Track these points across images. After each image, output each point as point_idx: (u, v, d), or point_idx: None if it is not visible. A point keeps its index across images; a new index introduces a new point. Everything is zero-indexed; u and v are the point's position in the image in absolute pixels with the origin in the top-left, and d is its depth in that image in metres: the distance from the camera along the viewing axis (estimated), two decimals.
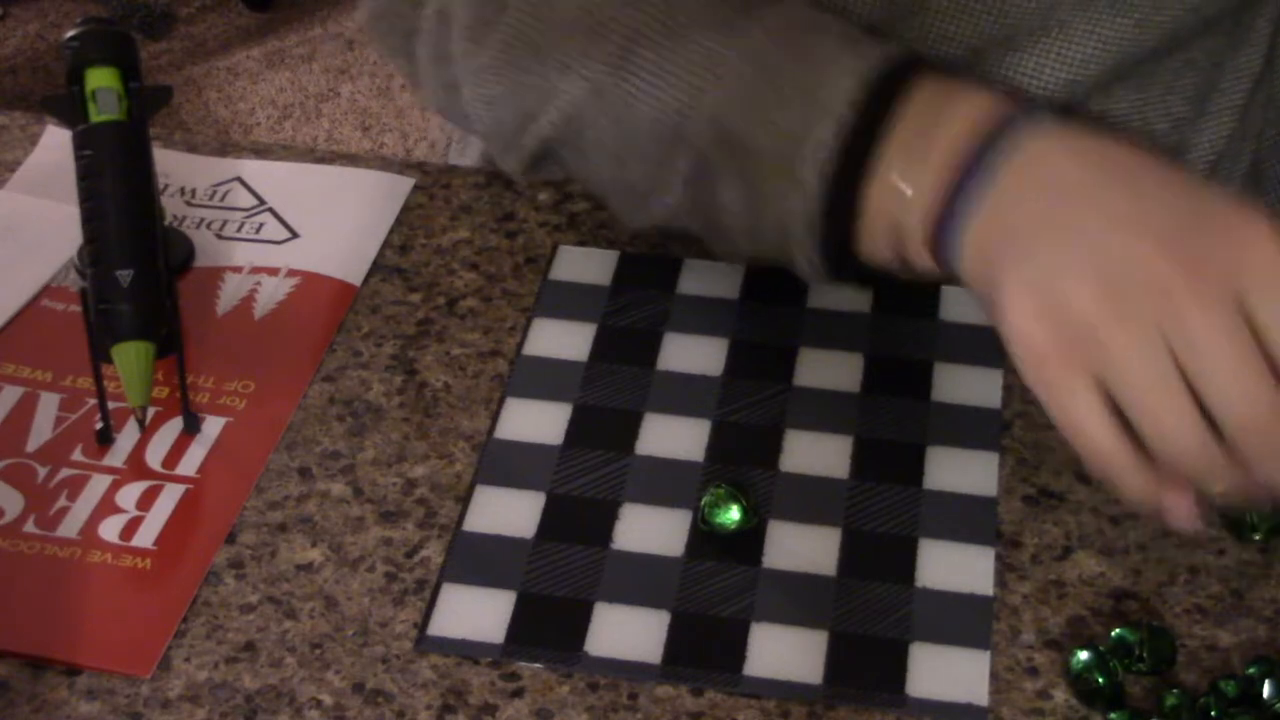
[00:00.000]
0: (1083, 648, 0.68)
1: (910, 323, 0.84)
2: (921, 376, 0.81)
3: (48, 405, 0.80)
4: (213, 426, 0.79)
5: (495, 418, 0.80)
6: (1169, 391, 0.61)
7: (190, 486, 0.77)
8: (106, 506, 0.76)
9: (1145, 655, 0.68)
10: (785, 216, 0.71)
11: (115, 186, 0.79)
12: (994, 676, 0.68)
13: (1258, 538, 0.73)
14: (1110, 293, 0.62)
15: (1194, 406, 0.61)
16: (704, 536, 0.74)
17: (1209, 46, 0.88)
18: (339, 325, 0.85)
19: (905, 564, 0.73)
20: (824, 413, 0.79)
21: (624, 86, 0.74)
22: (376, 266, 0.88)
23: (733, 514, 0.73)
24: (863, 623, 0.70)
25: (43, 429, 0.79)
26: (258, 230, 0.90)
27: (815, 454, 0.77)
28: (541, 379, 0.81)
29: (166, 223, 0.84)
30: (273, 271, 0.88)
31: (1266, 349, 0.61)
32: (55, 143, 0.96)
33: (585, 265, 0.88)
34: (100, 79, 0.81)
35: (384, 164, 0.94)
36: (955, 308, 0.85)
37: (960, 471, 0.77)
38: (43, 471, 0.77)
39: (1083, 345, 0.62)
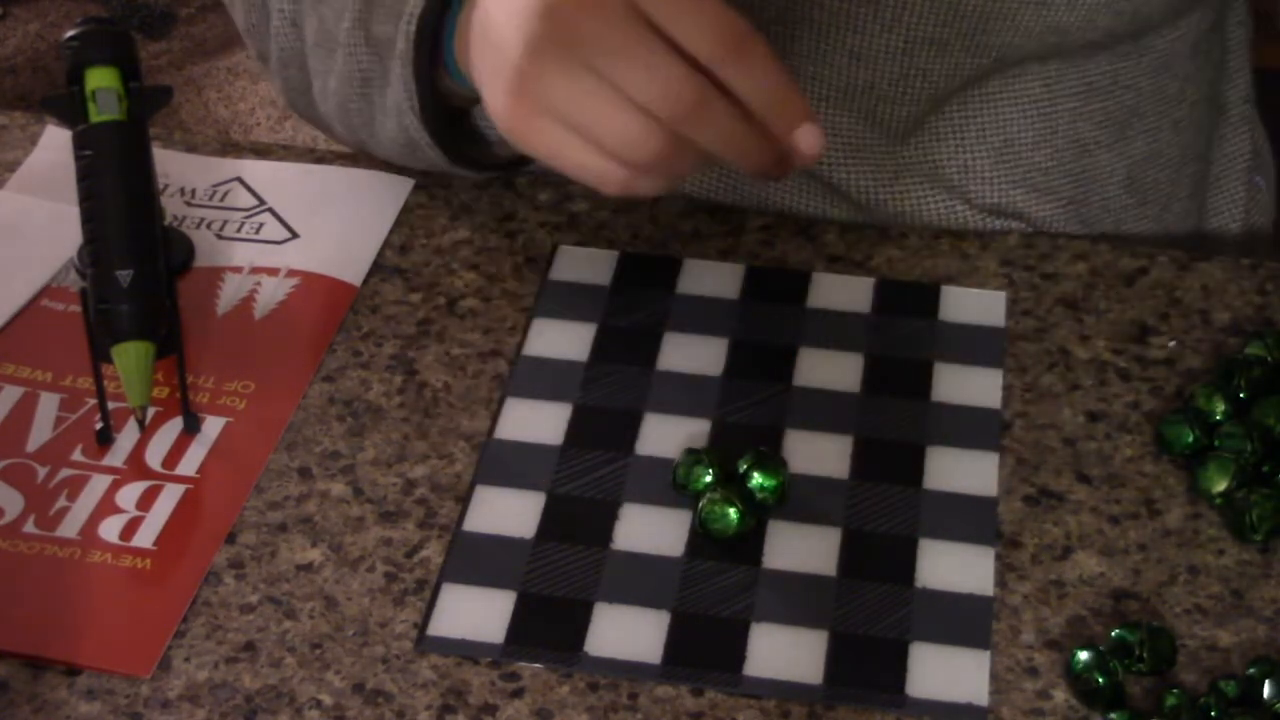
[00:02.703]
0: (1083, 648, 0.68)
1: (910, 323, 0.84)
2: (921, 376, 0.81)
3: (48, 405, 0.80)
4: (213, 426, 0.79)
5: (495, 418, 0.80)
6: (600, 99, 0.69)
7: (190, 486, 0.77)
8: (106, 506, 0.76)
9: (1145, 655, 0.68)
10: (399, 93, 0.81)
11: (115, 186, 0.79)
12: (994, 676, 0.68)
13: (1258, 538, 0.73)
14: (525, 37, 0.69)
15: (626, 103, 0.69)
16: (704, 536, 0.74)
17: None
18: (339, 325, 0.85)
19: (905, 564, 0.73)
20: (824, 413, 0.79)
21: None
22: (376, 266, 0.88)
23: (730, 517, 0.73)
24: (863, 623, 0.70)
25: (43, 429, 0.79)
26: (258, 230, 0.90)
27: (815, 454, 0.77)
28: (541, 379, 0.81)
29: (166, 223, 0.84)
30: (273, 272, 0.88)
31: (669, 38, 0.68)
32: (55, 143, 0.96)
33: (585, 265, 0.88)
34: (100, 79, 0.80)
35: (384, 164, 0.94)
36: (955, 308, 0.85)
37: (960, 471, 0.77)
38: (43, 471, 0.77)
39: (526, 92, 0.70)
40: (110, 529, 0.75)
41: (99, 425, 0.79)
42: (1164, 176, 0.95)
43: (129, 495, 0.76)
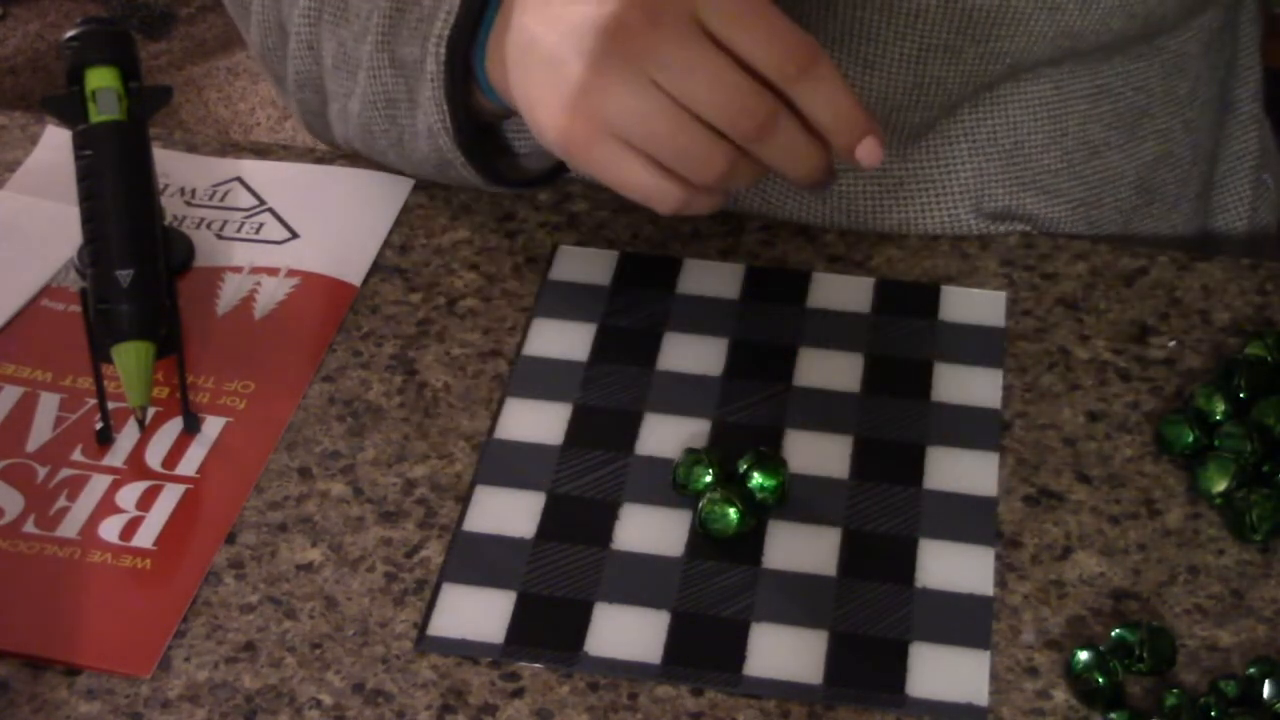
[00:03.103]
0: (1083, 648, 0.68)
1: (910, 323, 0.84)
2: (921, 376, 0.81)
3: (48, 405, 0.80)
4: (213, 426, 0.79)
5: (495, 418, 0.80)
6: (666, 116, 0.68)
7: (190, 486, 0.77)
8: (106, 506, 0.76)
9: (1145, 655, 0.68)
10: (429, 113, 0.80)
11: (115, 186, 0.79)
12: (994, 676, 0.69)
13: (1258, 538, 0.73)
14: (586, 54, 0.68)
15: (692, 120, 0.68)
16: (704, 536, 0.74)
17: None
18: (339, 325, 0.85)
19: (905, 564, 0.73)
20: (824, 413, 0.79)
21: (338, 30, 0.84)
22: (376, 266, 0.88)
23: (730, 517, 0.73)
24: (863, 623, 0.70)
25: (43, 429, 0.79)
26: (258, 230, 0.90)
27: (815, 454, 0.77)
28: (541, 379, 0.81)
29: (166, 223, 0.84)
30: (273, 271, 0.88)
31: (734, 53, 0.67)
32: (55, 143, 0.96)
33: (585, 265, 0.88)
34: (100, 79, 0.80)
35: (384, 164, 0.94)
36: (955, 308, 0.85)
37: (960, 471, 0.77)
38: (43, 471, 0.77)
39: (588, 111, 0.68)
40: (110, 529, 0.75)
41: (99, 425, 0.79)
42: (1174, 176, 0.95)
43: (129, 495, 0.76)
